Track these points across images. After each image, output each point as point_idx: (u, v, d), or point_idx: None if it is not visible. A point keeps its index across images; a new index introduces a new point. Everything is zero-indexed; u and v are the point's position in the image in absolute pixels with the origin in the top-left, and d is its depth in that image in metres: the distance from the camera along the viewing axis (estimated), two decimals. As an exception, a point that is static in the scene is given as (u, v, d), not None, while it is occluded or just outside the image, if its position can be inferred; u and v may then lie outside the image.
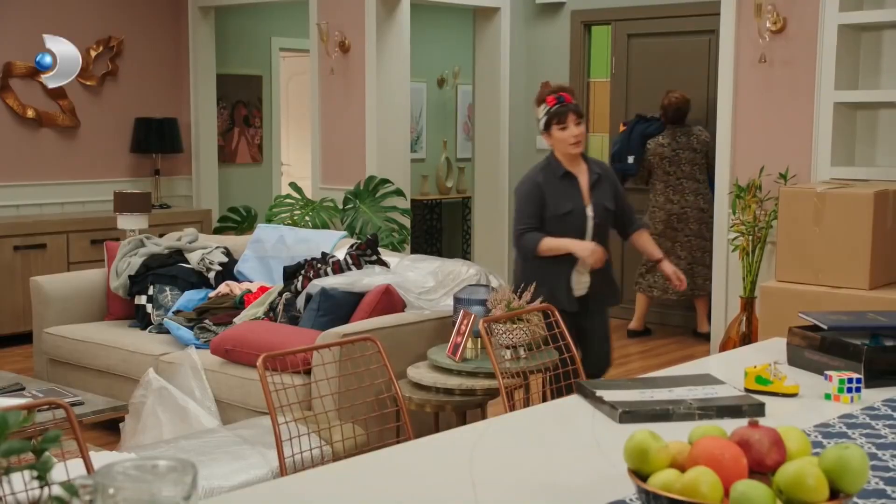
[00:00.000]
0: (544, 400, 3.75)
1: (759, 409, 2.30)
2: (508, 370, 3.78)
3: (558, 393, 3.20)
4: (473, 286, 4.48)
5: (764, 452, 1.58)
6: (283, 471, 2.57)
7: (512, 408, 3.66)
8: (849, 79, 5.00)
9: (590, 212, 4.10)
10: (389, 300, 4.43)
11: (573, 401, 2.50)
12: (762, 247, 5.23)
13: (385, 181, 6.80)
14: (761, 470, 1.58)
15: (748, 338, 5.23)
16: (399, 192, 6.86)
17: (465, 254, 9.12)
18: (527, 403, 3.86)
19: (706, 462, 1.56)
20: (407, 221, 7.00)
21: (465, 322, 4.07)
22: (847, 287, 4.34)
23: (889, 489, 1.82)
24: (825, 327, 2.72)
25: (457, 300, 4.32)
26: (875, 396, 2.44)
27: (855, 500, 1.75)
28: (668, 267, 4.27)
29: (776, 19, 5.14)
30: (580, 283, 4.14)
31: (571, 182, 4.09)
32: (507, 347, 3.96)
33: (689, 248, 6.72)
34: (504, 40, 7.84)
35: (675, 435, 1.72)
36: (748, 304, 5.33)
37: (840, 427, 2.20)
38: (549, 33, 8.05)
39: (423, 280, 4.61)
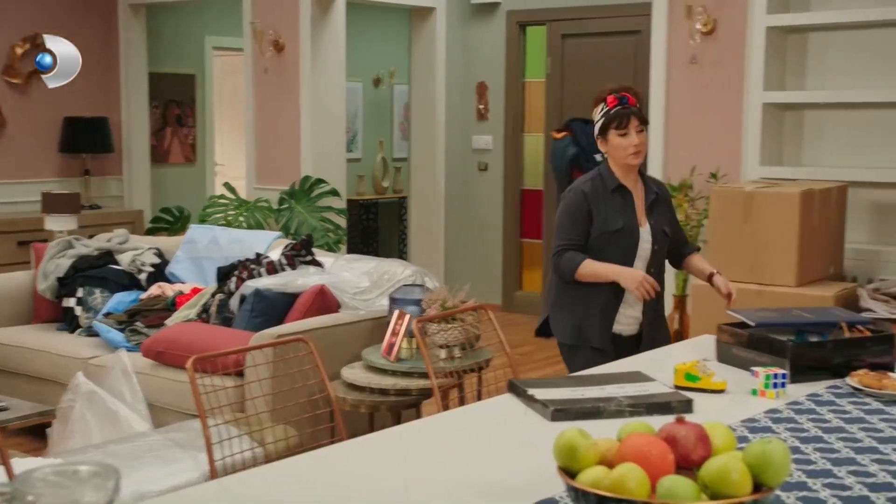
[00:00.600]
0: (479, 399, 3.76)
1: (688, 406, 2.34)
2: (443, 370, 3.78)
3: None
4: (409, 286, 4.48)
5: (690, 448, 1.61)
6: (213, 474, 2.54)
7: (446, 407, 3.66)
8: (777, 80, 5.09)
9: (646, 234, 3.54)
10: (324, 301, 4.41)
11: (506, 399, 2.51)
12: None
13: (320, 181, 6.76)
14: (687, 465, 1.60)
15: (681, 335, 5.30)
16: (334, 193, 6.83)
17: (401, 254, 9.11)
18: (461, 402, 3.88)
19: (634, 458, 1.57)
20: (343, 221, 6.97)
21: (399, 322, 4.06)
22: (775, 284, 4.41)
23: (811, 482, 1.86)
24: (752, 324, 2.77)
25: (392, 300, 4.32)
26: (800, 391, 2.48)
27: (778, 492, 1.78)
28: (720, 280, 3.62)
29: (706, 21, 5.21)
30: (627, 318, 3.54)
31: (624, 197, 3.53)
32: (442, 347, 3.96)
33: None
34: (440, 40, 7.85)
35: (606, 432, 1.73)
36: (680, 302, 5.40)
37: (765, 422, 2.24)
38: (484, 33, 8.09)
39: (358, 280, 4.59)
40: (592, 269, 3.44)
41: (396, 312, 4.12)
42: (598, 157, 6.69)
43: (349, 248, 7.47)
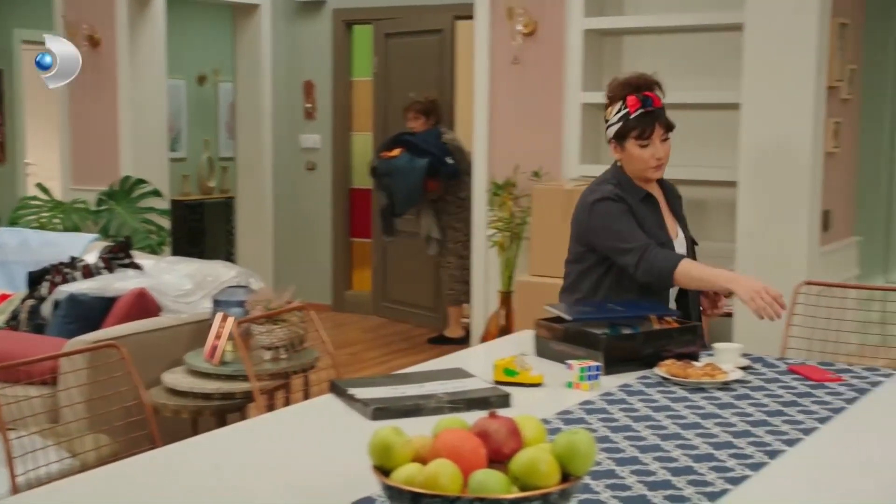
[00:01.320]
0: (307, 399, 3.73)
1: (506, 400, 2.37)
2: (268, 371, 3.73)
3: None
4: (233, 288, 4.41)
5: (501, 442, 1.63)
6: (14, 489, 2.42)
7: (272, 408, 3.61)
8: (594, 81, 5.25)
9: (680, 247, 3.07)
10: (144, 304, 4.28)
11: (328, 400, 2.49)
12: (518, 242, 5.41)
13: (141, 181, 6.56)
14: (499, 459, 1.62)
15: (507, 331, 5.40)
16: (157, 193, 6.64)
17: (229, 255, 8.93)
18: (287, 403, 3.83)
19: (447, 454, 1.58)
20: (166, 223, 6.78)
21: (223, 325, 3.98)
22: (594, 279, 4.55)
23: (618, 469, 1.92)
24: (569, 318, 2.84)
25: (215, 302, 4.24)
26: (612, 382, 2.56)
27: (588, 480, 1.83)
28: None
29: (527, 22, 5.33)
30: None
31: (654, 207, 3.07)
32: (268, 348, 3.91)
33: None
34: (265, 38, 7.74)
35: (426, 429, 1.74)
36: (506, 298, 5.50)
37: (579, 413, 2.31)
38: (310, 31, 8.02)
39: (181, 283, 4.48)
40: (699, 272, 2.87)
41: (220, 315, 4.04)
42: (449, 160, 6.78)
43: (175, 249, 7.27)
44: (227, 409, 3.92)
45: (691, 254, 3.11)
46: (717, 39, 4.94)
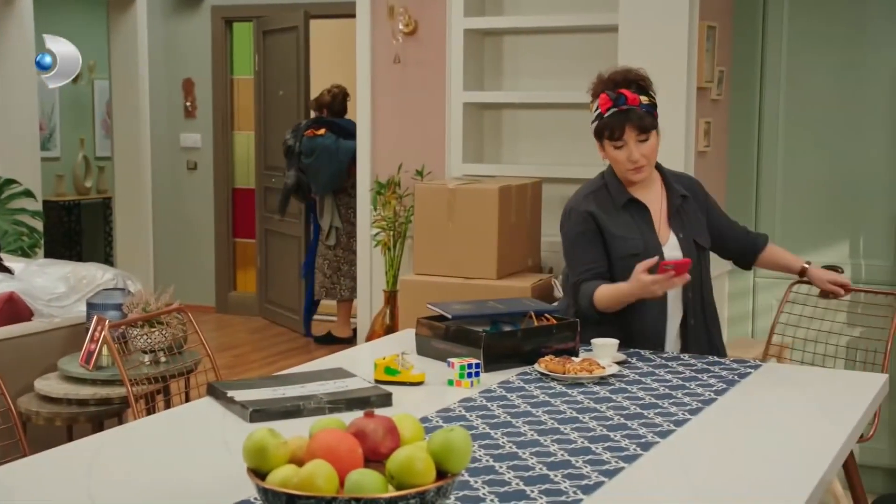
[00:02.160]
0: (187, 402, 3.66)
1: (387, 399, 2.38)
2: (146, 375, 3.65)
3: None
4: (109, 290, 4.31)
5: (379, 441, 1.63)
6: None
7: (151, 413, 3.53)
8: (475, 80, 5.30)
9: (672, 251, 2.94)
10: (13, 309, 4.14)
11: (207, 403, 2.46)
12: (402, 241, 5.41)
13: (11, 181, 6.34)
14: (377, 458, 1.62)
15: (392, 330, 5.40)
16: (28, 194, 6.43)
17: (107, 257, 8.70)
18: (168, 407, 3.75)
19: (323, 455, 1.57)
20: (39, 224, 6.57)
21: (99, 328, 3.88)
22: (477, 277, 4.59)
23: (497, 465, 1.94)
24: (449, 317, 2.86)
25: (90, 306, 4.14)
26: (493, 379, 2.59)
27: (467, 477, 1.85)
28: (819, 274, 3.11)
29: (408, 21, 5.33)
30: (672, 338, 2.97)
31: (640, 212, 2.95)
32: (146, 352, 3.82)
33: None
34: (141, 34, 7.57)
35: (305, 431, 1.73)
36: (391, 297, 5.50)
37: (460, 411, 2.32)
38: (189, 28, 7.87)
39: (53, 286, 4.35)
40: (609, 295, 2.83)
41: (95, 318, 3.94)
42: None
43: (50, 252, 7.05)
44: (104, 416, 3.82)
45: (689, 257, 2.90)
46: (594, 40, 5.04)
